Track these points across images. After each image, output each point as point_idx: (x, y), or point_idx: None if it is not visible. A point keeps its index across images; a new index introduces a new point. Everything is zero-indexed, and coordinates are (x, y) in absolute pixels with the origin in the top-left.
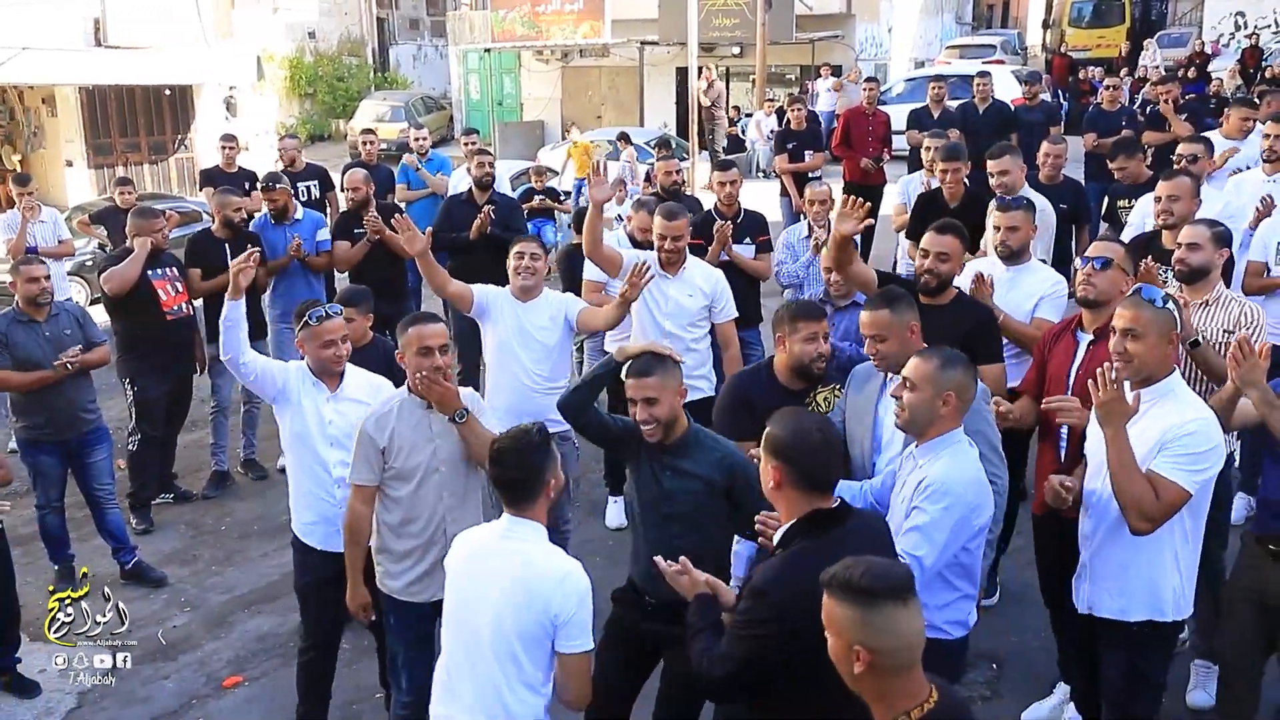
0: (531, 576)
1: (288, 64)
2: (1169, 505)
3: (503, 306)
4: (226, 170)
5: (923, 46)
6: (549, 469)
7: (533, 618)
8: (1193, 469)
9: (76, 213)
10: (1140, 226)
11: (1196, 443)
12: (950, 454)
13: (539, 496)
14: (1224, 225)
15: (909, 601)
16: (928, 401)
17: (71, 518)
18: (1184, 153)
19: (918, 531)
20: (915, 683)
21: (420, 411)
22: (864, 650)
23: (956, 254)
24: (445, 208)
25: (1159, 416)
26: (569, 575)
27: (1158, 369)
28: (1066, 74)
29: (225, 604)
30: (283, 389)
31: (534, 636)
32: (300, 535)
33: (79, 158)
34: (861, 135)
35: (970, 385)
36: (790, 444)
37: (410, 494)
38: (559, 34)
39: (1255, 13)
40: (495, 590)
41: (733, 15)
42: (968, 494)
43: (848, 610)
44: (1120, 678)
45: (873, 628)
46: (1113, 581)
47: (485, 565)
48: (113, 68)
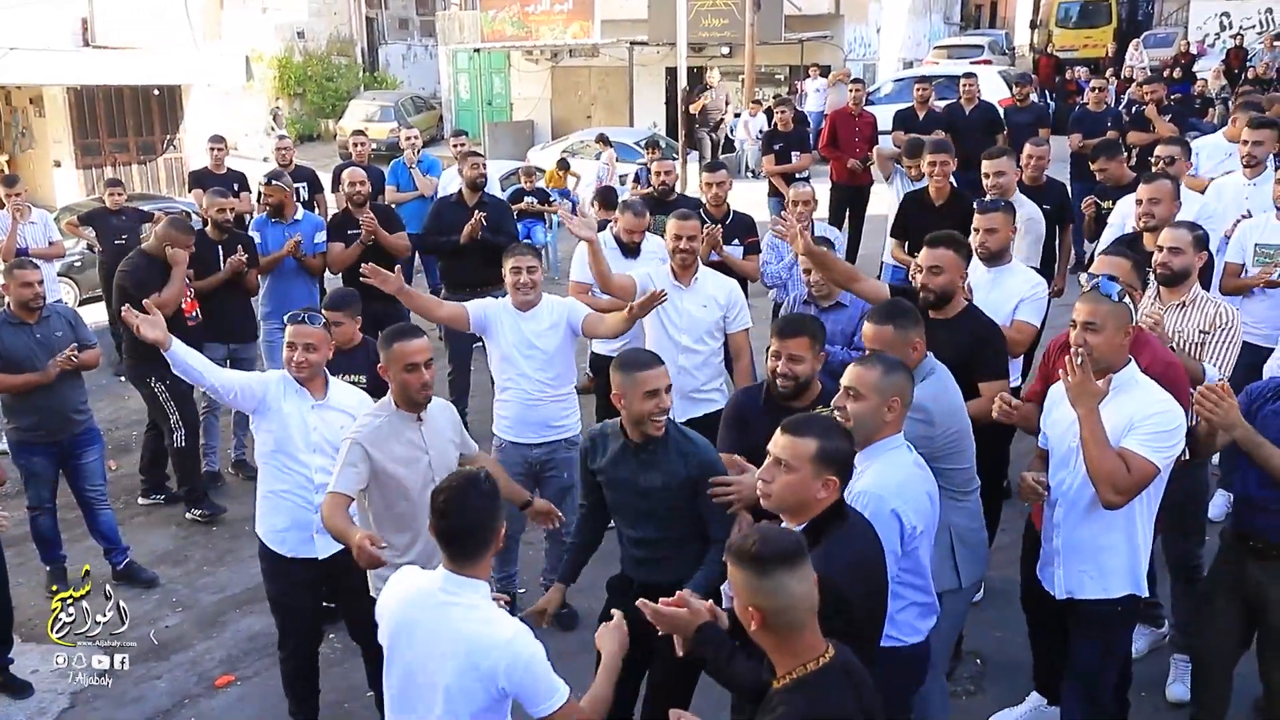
0: (475, 649)
1: (276, 64)
2: (1139, 479)
3: (502, 319)
4: (215, 171)
5: (911, 47)
6: (498, 519)
7: (480, 687)
8: (1161, 445)
9: (65, 214)
10: (1121, 228)
11: (1164, 421)
12: (882, 461)
13: (487, 552)
14: (1201, 228)
15: (796, 567)
16: (874, 409)
17: (63, 519)
18: (1162, 154)
19: None
20: (810, 640)
21: (412, 425)
22: (755, 610)
23: (950, 265)
24: (435, 210)
25: (1121, 404)
26: (513, 640)
27: (1114, 359)
28: (1053, 74)
29: (217, 604)
30: (262, 399)
31: (479, 701)
32: (269, 543)
33: (67, 158)
34: (848, 136)
35: (910, 389)
36: (847, 455)
37: (410, 508)
38: (548, 34)
39: (1240, 13)
40: (441, 653)
41: (722, 16)
42: (892, 500)
43: (742, 574)
44: (1095, 659)
45: (763, 591)
46: (1090, 563)
47: (424, 626)
48: (101, 68)
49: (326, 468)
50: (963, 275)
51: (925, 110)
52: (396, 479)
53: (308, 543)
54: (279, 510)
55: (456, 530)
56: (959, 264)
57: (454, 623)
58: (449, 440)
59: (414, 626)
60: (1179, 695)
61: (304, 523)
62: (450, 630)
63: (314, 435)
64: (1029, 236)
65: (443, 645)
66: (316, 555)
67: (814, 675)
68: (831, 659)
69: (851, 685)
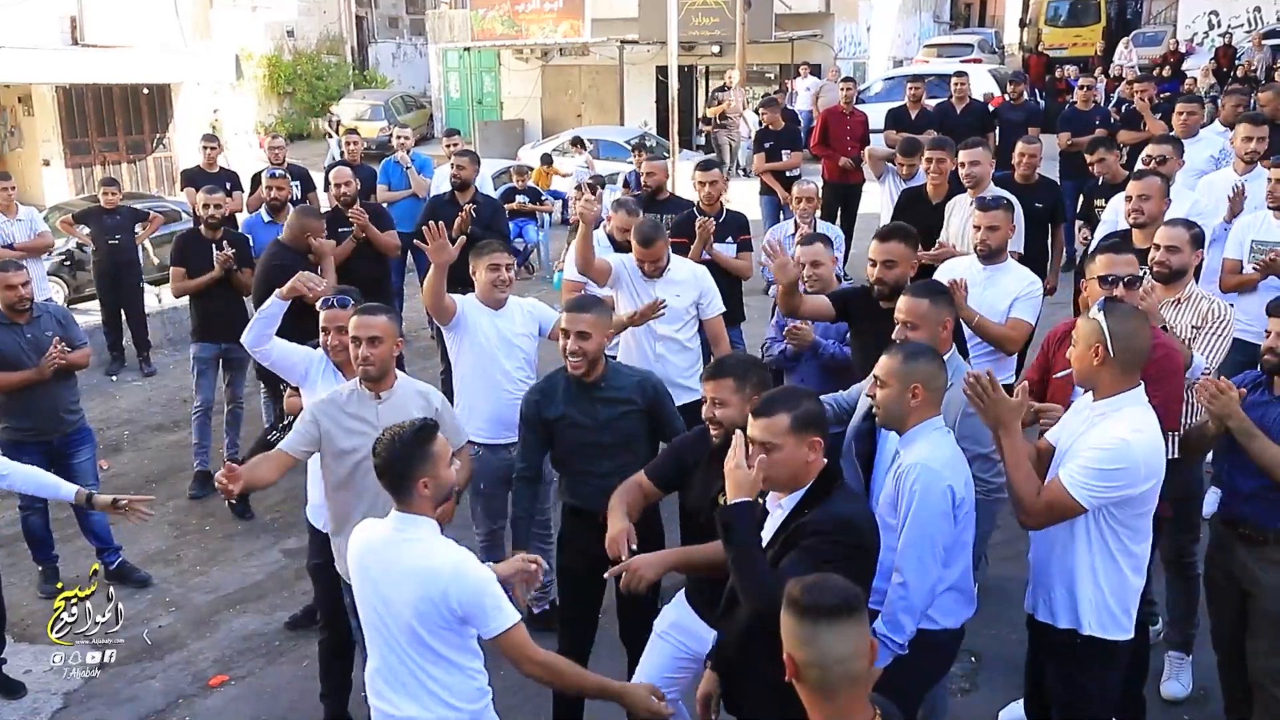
0: (423, 570)
1: (266, 63)
2: (1048, 505)
3: (478, 316)
4: (208, 170)
5: (901, 45)
6: (419, 467)
7: (432, 609)
8: (1088, 482)
9: (55, 213)
10: (1114, 225)
11: (1102, 459)
12: (924, 440)
13: (412, 493)
14: (1198, 226)
15: (837, 624)
16: (898, 395)
17: (55, 518)
18: (1153, 153)
19: (910, 530)
20: (848, 708)
21: (368, 402)
22: (789, 657)
23: (903, 258)
24: (428, 208)
25: (1101, 430)
26: (460, 565)
27: (1081, 376)
28: (1043, 73)
29: (210, 604)
30: (305, 374)
31: (438, 624)
32: (311, 518)
33: (56, 157)
34: (840, 135)
35: (938, 374)
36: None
37: (345, 484)
38: (539, 33)
39: (1229, 12)
40: (401, 589)
41: (712, 14)
42: (944, 472)
43: (786, 617)
44: (1058, 685)
45: (798, 639)
46: (1040, 585)
47: (379, 561)
48: (90, 67)
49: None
50: (913, 267)
51: (918, 109)
52: (341, 450)
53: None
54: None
55: (383, 466)
56: (910, 256)
57: (404, 557)
58: None
59: (371, 565)
60: (1173, 693)
61: None
62: (402, 564)
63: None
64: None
65: (397, 578)
66: None
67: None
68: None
69: None
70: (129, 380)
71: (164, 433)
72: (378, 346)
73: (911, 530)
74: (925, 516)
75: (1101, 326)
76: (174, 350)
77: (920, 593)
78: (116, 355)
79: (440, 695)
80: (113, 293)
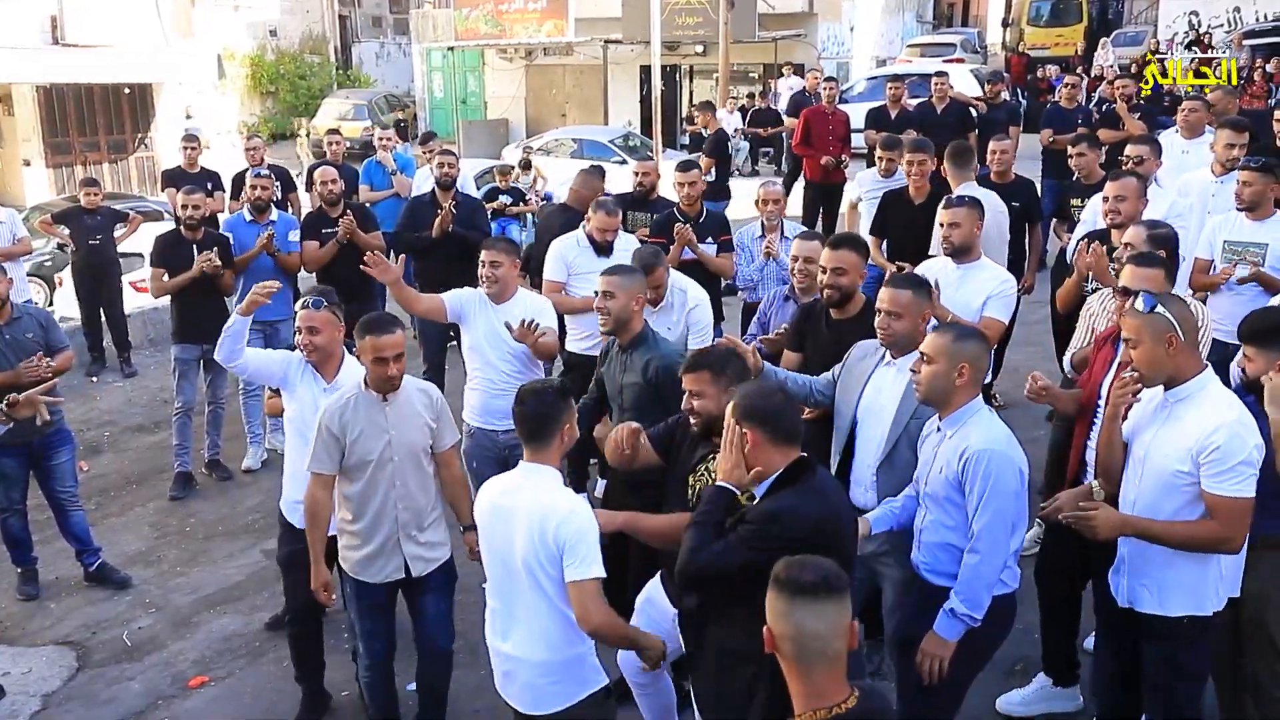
0: (544, 508)
1: (249, 62)
2: (1230, 521)
3: (476, 309)
4: (189, 170)
5: (884, 45)
6: (563, 417)
7: (541, 543)
8: (1240, 471)
9: (35, 213)
10: (1093, 224)
11: (1236, 446)
12: (975, 422)
13: (553, 440)
14: (1167, 226)
15: (817, 602)
16: (945, 372)
17: (34, 520)
18: (1131, 154)
19: (986, 513)
20: (827, 685)
21: (376, 405)
22: (769, 631)
23: (853, 266)
24: (409, 208)
25: (1184, 424)
26: (573, 511)
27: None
28: (1025, 72)
29: (190, 605)
30: (284, 377)
31: (546, 559)
32: (285, 513)
33: (36, 157)
34: (822, 134)
35: (983, 356)
36: (764, 410)
37: (365, 481)
38: (523, 32)
39: (1208, 12)
40: (519, 529)
41: (696, 14)
42: (1011, 452)
43: (770, 593)
44: (1161, 667)
45: (777, 613)
46: (1150, 578)
47: (508, 507)
48: (71, 66)
49: None
50: (862, 275)
51: (898, 109)
52: (355, 455)
53: None
54: (297, 485)
55: (531, 415)
56: (861, 265)
57: (526, 501)
58: (419, 425)
59: (498, 515)
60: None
61: None
62: (524, 507)
63: None
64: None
65: (519, 521)
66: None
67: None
68: (850, 709)
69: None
70: (109, 381)
71: (144, 434)
72: (402, 361)
73: (988, 513)
74: (1003, 500)
75: (1168, 318)
76: (155, 351)
77: (997, 568)
78: (97, 356)
79: (547, 637)
80: (93, 293)
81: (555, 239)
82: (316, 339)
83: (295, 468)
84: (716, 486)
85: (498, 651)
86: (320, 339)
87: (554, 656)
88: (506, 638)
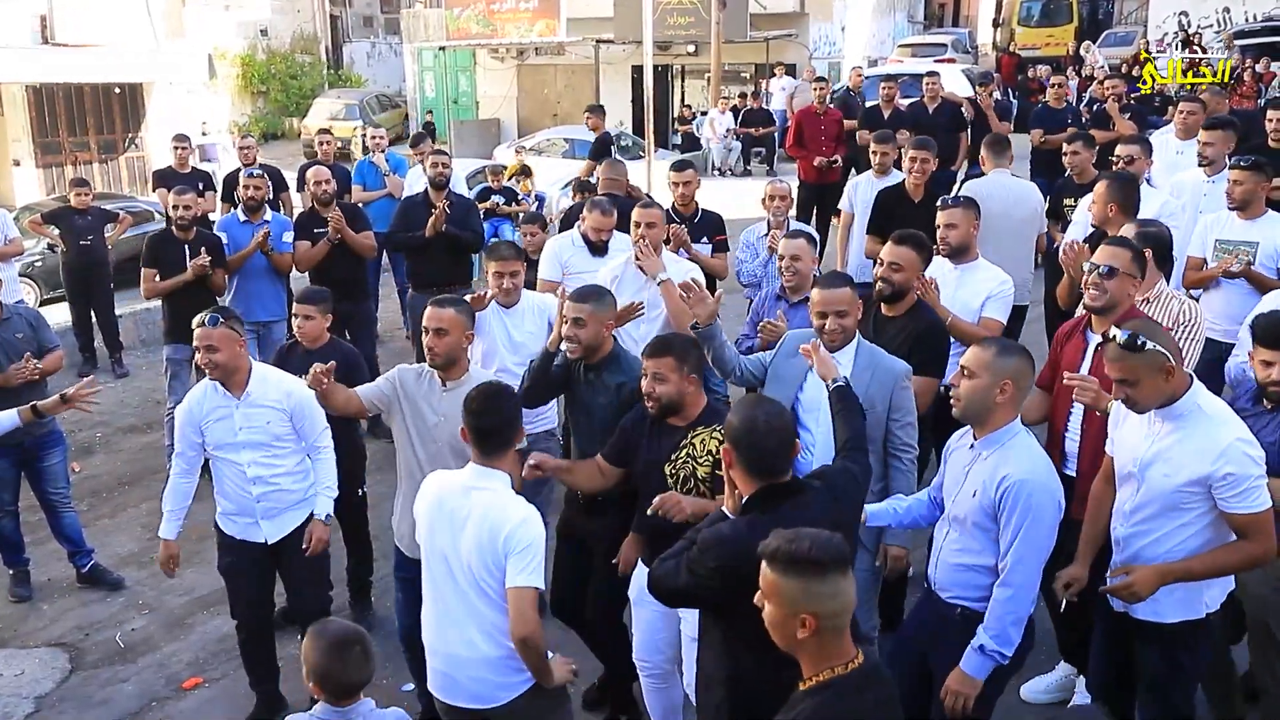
0: (496, 516)
1: (240, 62)
2: (1264, 533)
3: (488, 317)
4: (180, 170)
5: (875, 45)
6: (518, 424)
7: (491, 549)
8: (1260, 485)
9: (25, 213)
10: (1085, 224)
11: (1249, 462)
12: (1013, 447)
13: (510, 445)
14: (1160, 225)
15: (848, 570)
16: (985, 389)
17: (26, 521)
18: (1121, 154)
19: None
20: (846, 643)
21: (437, 388)
22: (811, 617)
23: (911, 265)
24: (402, 209)
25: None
26: (525, 520)
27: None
28: (1015, 72)
29: (184, 606)
30: (199, 419)
31: (493, 564)
32: (220, 524)
33: (26, 157)
34: (814, 135)
35: (1028, 373)
36: (739, 433)
37: (411, 461)
38: (514, 32)
39: (1198, 12)
40: (468, 533)
41: (688, 14)
42: (1051, 484)
43: (795, 581)
44: (1161, 667)
45: (821, 595)
46: None
47: (458, 509)
48: (61, 65)
49: (258, 460)
50: (919, 277)
51: (891, 108)
52: (407, 422)
53: (252, 528)
54: (228, 498)
55: (486, 426)
56: (919, 264)
57: (478, 506)
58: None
59: (444, 513)
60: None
61: (248, 510)
62: (475, 512)
63: (240, 435)
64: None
65: (468, 526)
66: (263, 539)
67: (840, 679)
68: (860, 665)
69: (875, 692)
70: (101, 381)
71: (136, 434)
72: (443, 338)
73: (1025, 546)
74: (1041, 533)
75: (1159, 350)
76: (146, 351)
77: (1029, 603)
78: (88, 357)
79: (492, 633)
80: (83, 294)
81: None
82: (216, 356)
83: (224, 485)
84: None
85: (436, 652)
86: (220, 356)
87: (501, 651)
88: (445, 637)
